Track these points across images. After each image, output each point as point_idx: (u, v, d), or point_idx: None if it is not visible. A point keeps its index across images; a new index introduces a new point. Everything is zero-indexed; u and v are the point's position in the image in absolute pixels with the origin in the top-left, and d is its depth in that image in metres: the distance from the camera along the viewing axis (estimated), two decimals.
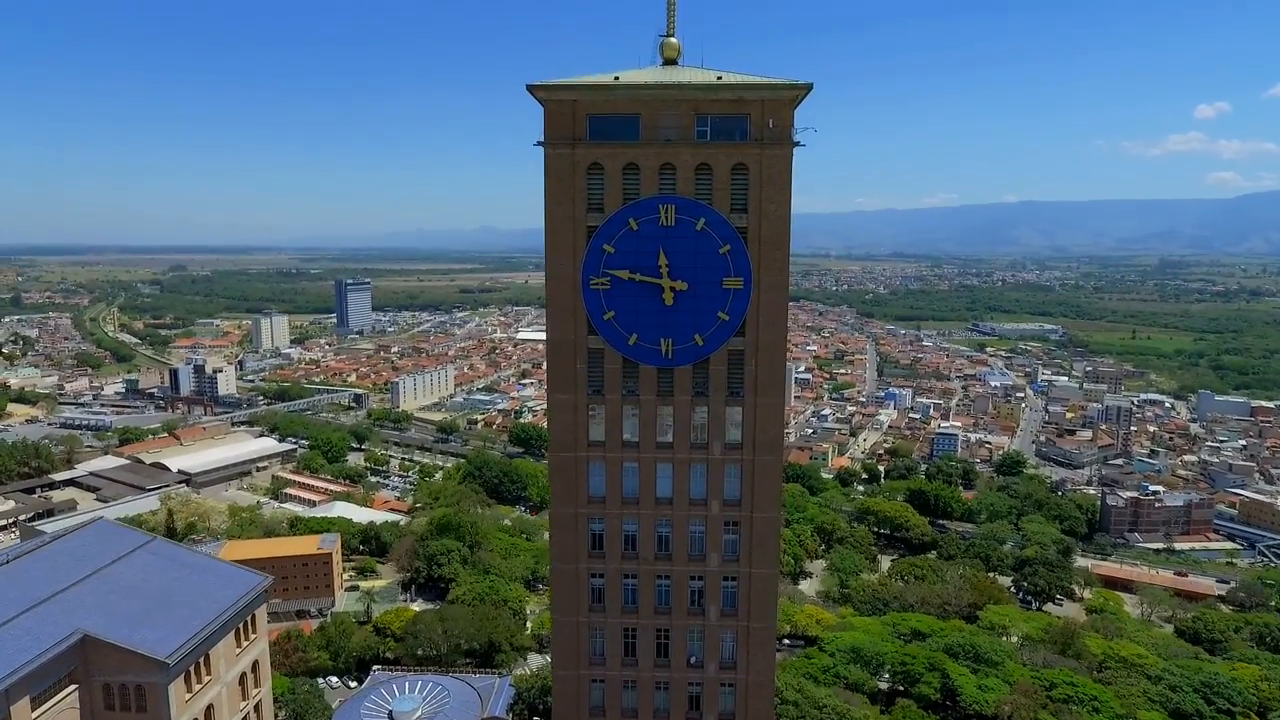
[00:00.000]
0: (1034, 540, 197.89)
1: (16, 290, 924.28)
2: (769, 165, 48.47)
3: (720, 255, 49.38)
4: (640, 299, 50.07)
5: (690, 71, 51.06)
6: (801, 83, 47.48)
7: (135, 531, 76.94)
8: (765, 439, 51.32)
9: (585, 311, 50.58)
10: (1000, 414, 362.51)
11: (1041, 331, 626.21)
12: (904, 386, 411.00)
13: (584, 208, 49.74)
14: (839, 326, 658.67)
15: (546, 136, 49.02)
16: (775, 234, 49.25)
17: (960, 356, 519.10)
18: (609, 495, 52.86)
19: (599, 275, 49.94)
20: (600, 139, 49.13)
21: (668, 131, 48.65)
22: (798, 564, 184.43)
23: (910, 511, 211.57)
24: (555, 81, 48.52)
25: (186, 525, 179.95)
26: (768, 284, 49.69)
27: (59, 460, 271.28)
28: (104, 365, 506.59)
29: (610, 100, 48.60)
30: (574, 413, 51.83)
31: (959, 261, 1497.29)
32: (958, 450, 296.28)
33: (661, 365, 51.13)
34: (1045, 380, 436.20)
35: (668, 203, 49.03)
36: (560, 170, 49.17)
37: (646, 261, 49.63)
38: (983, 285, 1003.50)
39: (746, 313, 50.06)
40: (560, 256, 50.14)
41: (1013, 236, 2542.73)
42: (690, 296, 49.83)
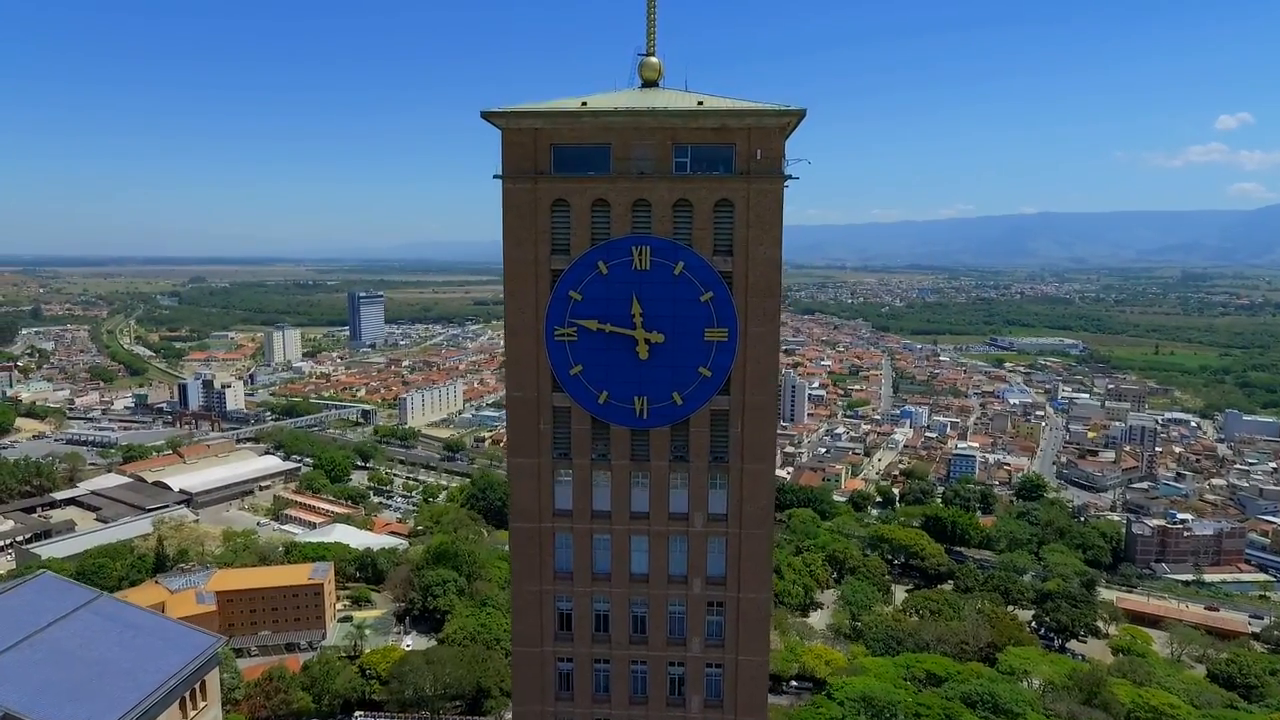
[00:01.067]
0: (1056, 571, 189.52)
1: (37, 302, 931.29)
2: (757, 201, 42.59)
3: (701, 303, 43.50)
4: (611, 352, 44.24)
5: (668, 95, 45.37)
6: (792, 108, 41.64)
7: (79, 588, 71.65)
8: (754, 510, 45.17)
9: (549, 366, 44.80)
10: (1019, 433, 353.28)
11: (1061, 346, 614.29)
12: (920, 404, 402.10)
13: (547, 249, 44.03)
14: (854, 340, 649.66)
15: (505, 168, 43.44)
16: (765, 279, 43.29)
17: (978, 372, 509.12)
18: (577, 570, 46.87)
19: (564, 325, 44.18)
20: (566, 172, 43.49)
21: (642, 163, 42.92)
22: (808, 595, 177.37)
23: (926, 539, 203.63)
24: (514, 107, 42.97)
25: (178, 551, 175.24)
26: (756, 336, 43.69)
27: (61, 478, 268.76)
28: (117, 379, 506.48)
29: (576, 128, 42.96)
30: (537, 479, 45.97)
31: (976, 273, 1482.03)
32: (975, 472, 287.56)
33: (636, 426, 45.21)
34: (1066, 398, 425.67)
35: (642, 244, 43.26)
36: (520, 207, 43.53)
37: (618, 310, 43.82)
38: (1000, 298, 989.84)
39: (732, 368, 44.06)
40: (520, 304, 44.43)
41: (1031, 248, 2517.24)
42: (668, 350, 43.93)
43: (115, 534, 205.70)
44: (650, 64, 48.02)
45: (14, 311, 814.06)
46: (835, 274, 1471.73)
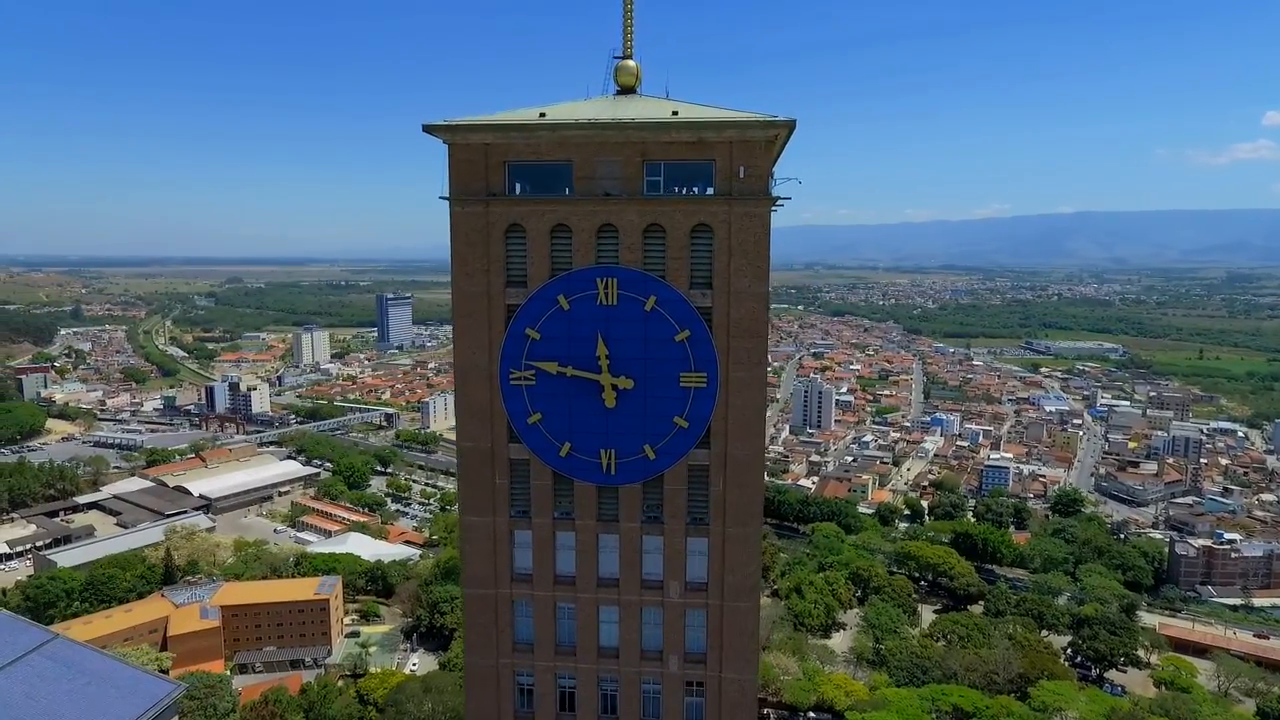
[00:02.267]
0: (1093, 594, 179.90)
1: (78, 302, 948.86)
2: (739, 227, 36.81)
3: (676, 344, 37.84)
4: (574, 398, 38.77)
5: (640, 104, 39.75)
6: (780, 119, 35.78)
7: (34, 628, 67.59)
8: (738, 580, 39.38)
9: (505, 413, 39.42)
10: (1056, 443, 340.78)
11: (1100, 350, 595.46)
12: (952, 411, 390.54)
13: (501, 281, 38.70)
14: (884, 343, 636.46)
15: (452, 189, 38.18)
16: (749, 317, 37.47)
17: (1012, 377, 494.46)
18: (539, 642, 41.47)
19: (521, 368, 38.81)
20: (522, 193, 38.06)
21: (607, 183, 37.39)
22: (829, 615, 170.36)
23: (955, 558, 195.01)
24: (462, 120, 37.65)
25: (188, 562, 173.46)
26: (740, 382, 37.91)
27: (85, 482, 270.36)
28: (149, 380, 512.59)
29: (532, 143, 37.54)
30: (493, 539, 40.66)
31: (1012, 274, 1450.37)
32: (1009, 484, 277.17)
33: (603, 483, 39.72)
34: (1105, 405, 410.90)
35: (607, 275, 37.73)
36: (470, 233, 38.25)
37: (581, 351, 38.34)
38: (1037, 299, 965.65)
39: (712, 419, 38.29)
40: (471, 343, 39.14)
41: (1069, 248, 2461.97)
42: (638, 397, 38.36)
43: (131, 541, 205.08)
44: (626, 68, 42.52)
45: (55, 312, 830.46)
46: (866, 275, 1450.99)
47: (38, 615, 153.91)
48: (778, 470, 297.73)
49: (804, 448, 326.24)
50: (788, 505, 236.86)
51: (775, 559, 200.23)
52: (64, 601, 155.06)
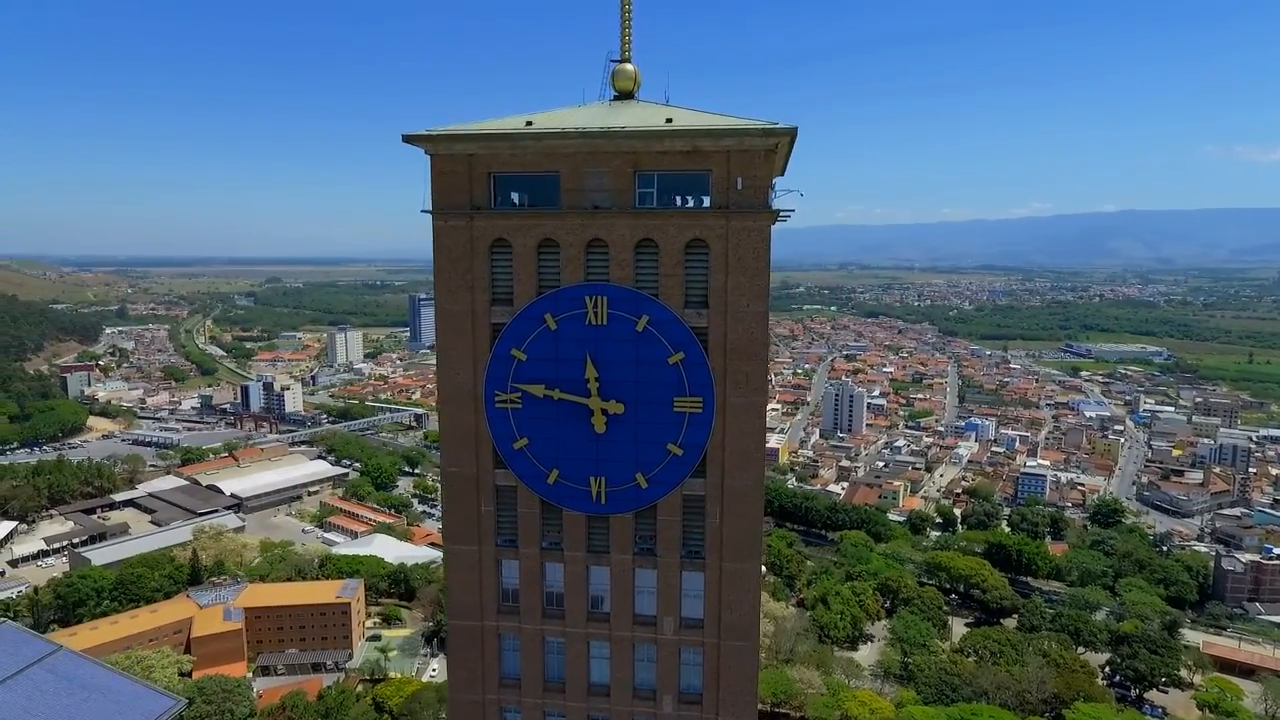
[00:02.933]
0: (1133, 611, 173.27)
1: (123, 302, 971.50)
2: (737, 242, 34.36)
3: (670, 367, 35.50)
4: (562, 423, 36.65)
5: (633, 111, 37.45)
6: (780, 126, 33.24)
7: (39, 640, 67.12)
8: (736, 619, 36.91)
9: (490, 438, 37.43)
10: (1096, 450, 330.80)
11: (1144, 354, 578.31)
12: (987, 415, 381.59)
13: (486, 299, 36.70)
14: (919, 345, 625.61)
15: (435, 202, 36.26)
16: (748, 338, 34.99)
17: (1051, 381, 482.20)
18: (526, 678, 39.40)
19: (507, 390, 36.76)
20: (508, 206, 36.02)
21: (597, 195, 35.18)
22: (856, 627, 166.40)
23: (987, 569, 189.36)
24: (444, 130, 35.69)
25: (215, 562, 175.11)
26: (738, 408, 35.46)
27: (121, 480, 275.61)
28: (188, 379, 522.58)
29: (518, 153, 35.46)
30: (478, 569, 38.68)
31: (1052, 275, 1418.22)
32: (1045, 492, 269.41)
33: (592, 512, 37.54)
34: (1148, 411, 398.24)
35: (597, 293, 35.53)
36: (453, 248, 36.32)
37: (569, 373, 36.20)
38: (1078, 301, 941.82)
39: (708, 446, 35.89)
40: (455, 364, 37.21)
41: (1112, 248, 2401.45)
42: (629, 422, 36.11)
43: (161, 540, 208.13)
44: (624, 72, 40.25)
45: (102, 311, 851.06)
46: (902, 275, 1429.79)
47: (68, 614, 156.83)
48: (806, 475, 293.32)
49: (834, 452, 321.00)
50: (816, 512, 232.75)
51: (801, 567, 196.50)
52: (93, 600, 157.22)
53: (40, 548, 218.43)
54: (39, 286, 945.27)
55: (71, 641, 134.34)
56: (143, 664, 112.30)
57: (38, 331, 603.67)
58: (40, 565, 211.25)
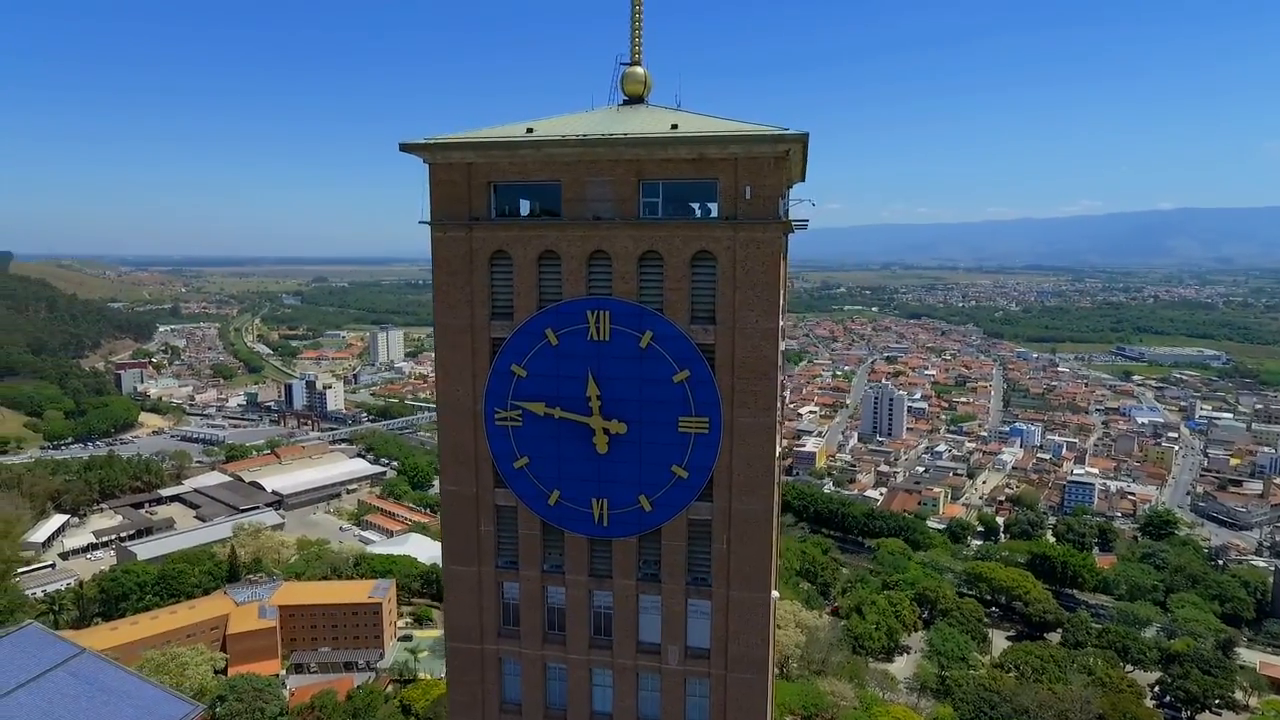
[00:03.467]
0: (1185, 628, 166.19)
1: (177, 301, 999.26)
2: (746, 254, 32.56)
3: (675, 385, 33.86)
4: (563, 442, 35.27)
5: (638, 117, 35.85)
6: (790, 132, 31.35)
7: (62, 643, 68.44)
8: (743, 651, 35.09)
9: (490, 456, 36.19)
10: (1148, 458, 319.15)
11: (1200, 358, 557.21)
12: (1033, 420, 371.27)
13: (486, 313, 35.47)
14: (963, 348, 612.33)
15: (433, 212, 35.13)
16: (757, 355, 33.16)
17: (1101, 386, 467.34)
18: (527, 704, 38.11)
19: (507, 407, 35.48)
20: (508, 216, 34.73)
21: (599, 205, 33.70)
22: (892, 638, 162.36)
23: (1030, 581, 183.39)
24: (441, 138, 34.54)
25: (253, 559, 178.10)
26: (746, 428, 33.65)
27: (169, 475, 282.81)
28: (236, 376, 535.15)
29: (517, 161, 34.14)
30: (478, 591, 37.49)
31: (1104, 275, 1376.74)
32: (1094, 501, 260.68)
33: (595, 535, 36.08)
34: (1204, 417, 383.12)
35: (599, 308, 34.03)
36: (452, 260, 35.17)
37: (570, 391, 34.78)
38: (1131, 302, 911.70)
39: (715, 469, 34.14)
40: (454, 379, 36.09)
41: (1168, 247, 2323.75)
42: (632, 442, 34.57)
43: (203, 536, 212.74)
44: (634, 75, 38.71)
45: (156, 309, 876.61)
46: (946, 275, 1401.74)
47: (112, 607, 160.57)
48: (844, 479, 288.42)
49: (872, 456, 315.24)
50: (852, 518, 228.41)
51: (836, 575, 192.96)
52: (136, 595, 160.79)
53: (89, 541, 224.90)
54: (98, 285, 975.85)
55: (112, 636, 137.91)
56: (177, 660, 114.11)
57: (95, 329, 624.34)
58: (89, 558, 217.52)
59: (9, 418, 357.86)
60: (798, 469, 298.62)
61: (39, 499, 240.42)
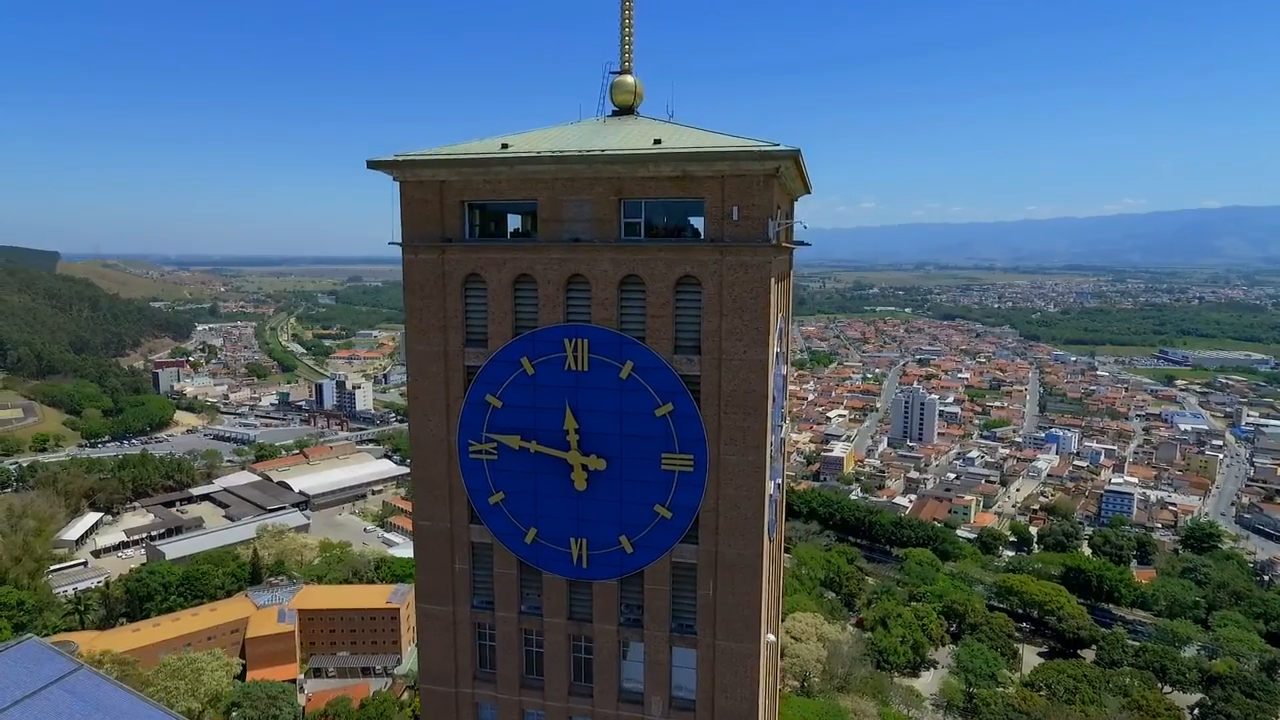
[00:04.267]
0: (1228, 649, 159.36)
1: (216, 300, 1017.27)
2: (733, 280, 30.12)
3: (657, 419, 31.53)
4: (540, 478, 33.12)
5: (622, 130, 33.55)
6: (780, 149, 28.84)
7: (61, 658, 67.90)
8: (731, 704, 32.64)
9: (464, 490, 34.16)
10: (1190, 466, 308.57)
11: (1247, 362, 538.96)
12: (1070, 426, 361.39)
13: (460, 339, 33.45)
14: (997, 350, 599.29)
15: (404, 233, 33.19)
16: (746, 389, 30.71)
17: (1142, 390, 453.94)
18: None
19: (481, 440, 33.42)
20: (482, 238, 32.68)
21: (577, 226, 31.49)
22: (918, 653, 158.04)
23: (1065, 596, 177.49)
24: (412, 154, 32.56)
25: (275, 561, 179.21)
26: (734, 467, 31.20)
27: (200, 474, 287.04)
28: (270, 375, 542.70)
29: (491, 179, 32.04)
30: (453, 631, 35.51)
31: (1146, 275, 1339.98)
32: (1133, 512, 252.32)
33: (574, 576, 33.89)
34: (1251, 424, 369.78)
35: (577, 335, 31.84)
36: (424, 284, 33.20)
37: (547, 423, 32.63)
38: (1175, 303, 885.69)
39: (700, 509, 31.73)
40: (427, 409, 34.15)
41: (1214, 247, 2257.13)
42: (612, 479, 32.31)
43: (229, 536, 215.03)
44: (623, 84, 36.48)
45: (196, 309, 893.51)
46: (981, 275, 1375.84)
47: (137, 608, 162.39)
48: (872, 486, 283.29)
49: (902, 462, 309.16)
50: (880, 526, 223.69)
51: (862, 585, 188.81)
52: (161, 595, 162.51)
53: (121, 539, 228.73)
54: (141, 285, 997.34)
55: (134, 638, 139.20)
56: (193, 665, 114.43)
57: (136, 328, 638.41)
58: (120, 556, 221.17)
59: (49, 416, 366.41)
60: (825, 474, 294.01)
61: (74, 497, 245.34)
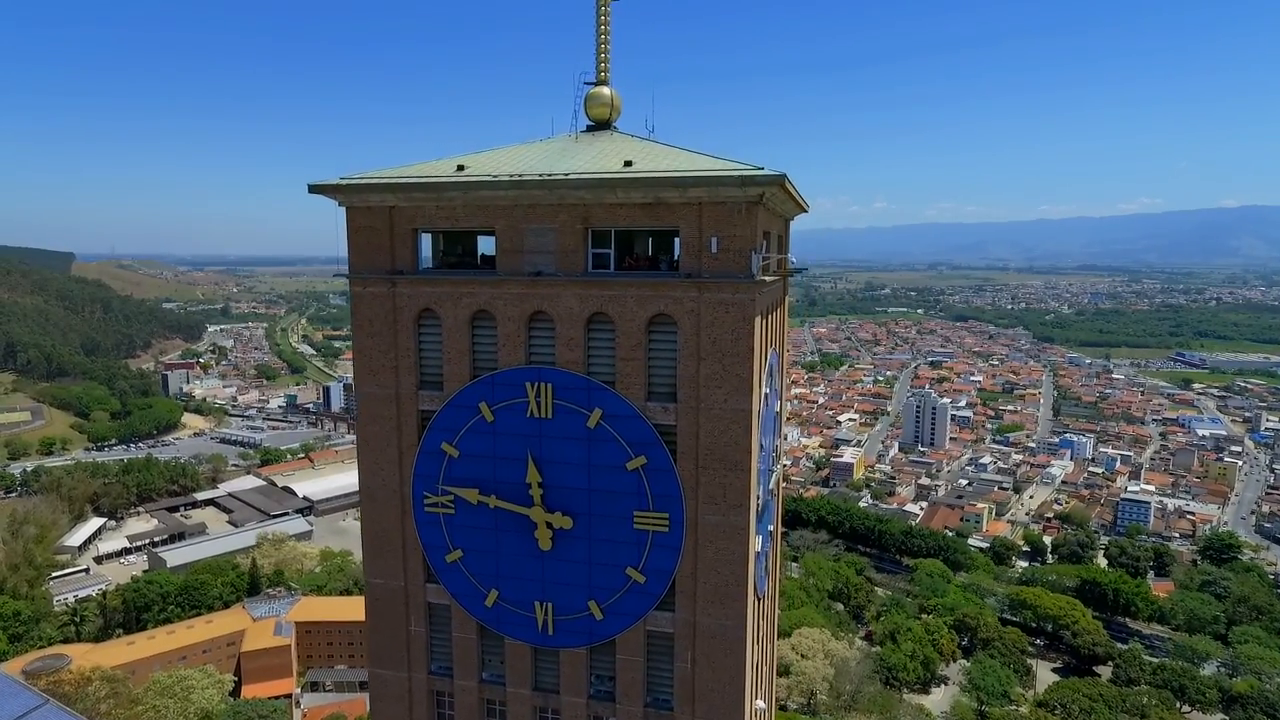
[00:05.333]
0: (1249, 666, 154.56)
1: (228, 300, 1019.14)
2: (713, 320, 26.77)
3: (629, 473, 28.24)
4: (501, 535, 29.91)
5: (593, 148, 30.25)
6: (764, 174, 25.49)
7: (26, 692, 64.87)
8: None
9: (420, 546, 30.97)
10: (1209, 473, 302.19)
11: (1267, 364, 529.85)
12: (1084, 431, 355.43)
13: (413, 381, 30.23)
14: (1011, 352, 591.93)
15: (351, 264, 30.03)
16: (727, 441, 27.36)
17: (1159, 394, 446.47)
18: None
19: (437, 492, 30.22)
20: (444, 268, 29.52)
21: (539, 258, 28.22)
22: (928, 668, 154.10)
23: (1079, 610, 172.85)
24: (357, 178, 29.40)
25: (274, 571, 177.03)
26: (715, 528, 27.87)
27: (204, 479, 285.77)
28: (279, 377, 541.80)
29: (445, 205, 28.82)
30: (408, 700, 32.29)
31: (1162, 276, 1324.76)
32: (1150, 521, 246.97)
33: (539, 643, 30.61)
34: (1270, 430, 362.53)
35: (540, 379, 28.59)
36: (374, 320, 30.02)
37: (508, 475, 29.39)
38: (1191, 304, 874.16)
39: (677, 573, 28.41)
40: (378, 456, 30.94)
41: (1231, 247, 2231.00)
42: (580, 538, 29.04)
43: (233, 542, 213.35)
44: (599, 96, 33.23)
45: (208, 309, 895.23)
46: (995, 275, 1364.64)
47: (135, 619, 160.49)
48: (882, 492, 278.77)
49: (913, 468, 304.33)
50: (890, 536, 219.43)
51: (870, 597, 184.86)
52: (158, 605, 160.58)
53: (124, 545, 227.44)
54: (154, 285, 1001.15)
55: (129, 650, 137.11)
56: (183, 683, 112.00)
57: (147, 330, 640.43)
58: (123, 562, 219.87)
59: (57, 419, 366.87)
60: (835, 480, 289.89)
61: (78, 502, 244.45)
